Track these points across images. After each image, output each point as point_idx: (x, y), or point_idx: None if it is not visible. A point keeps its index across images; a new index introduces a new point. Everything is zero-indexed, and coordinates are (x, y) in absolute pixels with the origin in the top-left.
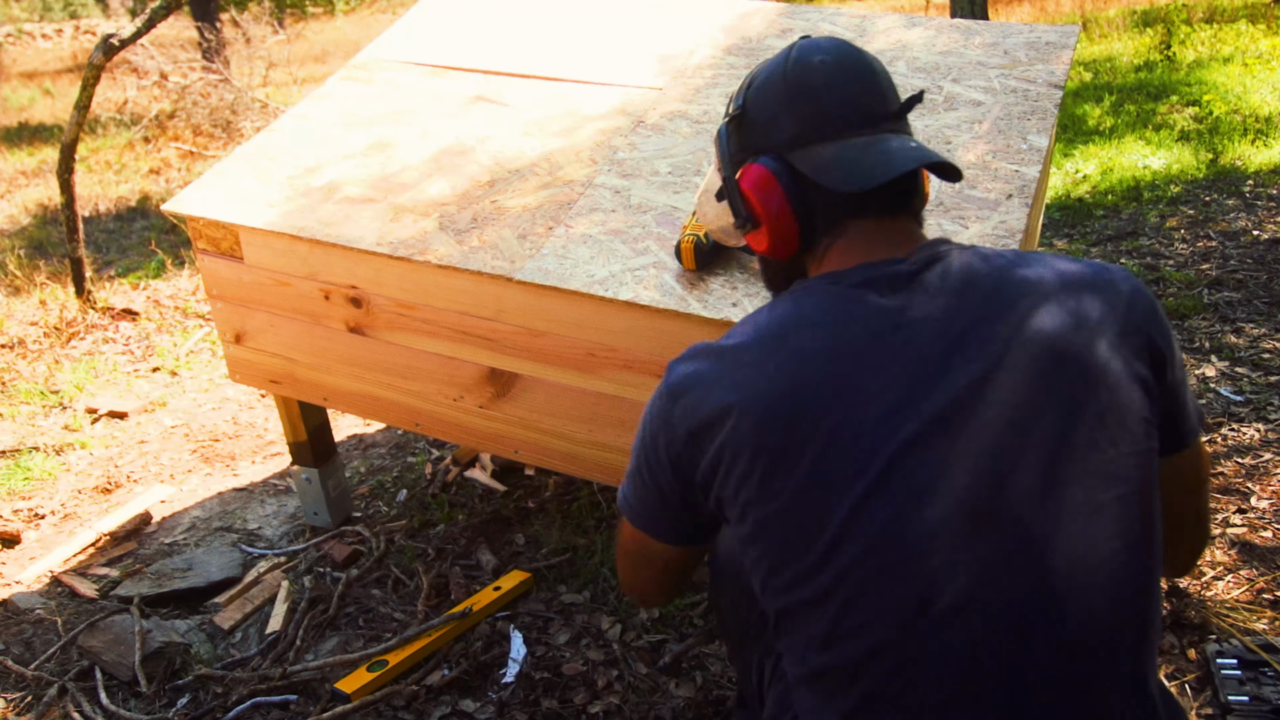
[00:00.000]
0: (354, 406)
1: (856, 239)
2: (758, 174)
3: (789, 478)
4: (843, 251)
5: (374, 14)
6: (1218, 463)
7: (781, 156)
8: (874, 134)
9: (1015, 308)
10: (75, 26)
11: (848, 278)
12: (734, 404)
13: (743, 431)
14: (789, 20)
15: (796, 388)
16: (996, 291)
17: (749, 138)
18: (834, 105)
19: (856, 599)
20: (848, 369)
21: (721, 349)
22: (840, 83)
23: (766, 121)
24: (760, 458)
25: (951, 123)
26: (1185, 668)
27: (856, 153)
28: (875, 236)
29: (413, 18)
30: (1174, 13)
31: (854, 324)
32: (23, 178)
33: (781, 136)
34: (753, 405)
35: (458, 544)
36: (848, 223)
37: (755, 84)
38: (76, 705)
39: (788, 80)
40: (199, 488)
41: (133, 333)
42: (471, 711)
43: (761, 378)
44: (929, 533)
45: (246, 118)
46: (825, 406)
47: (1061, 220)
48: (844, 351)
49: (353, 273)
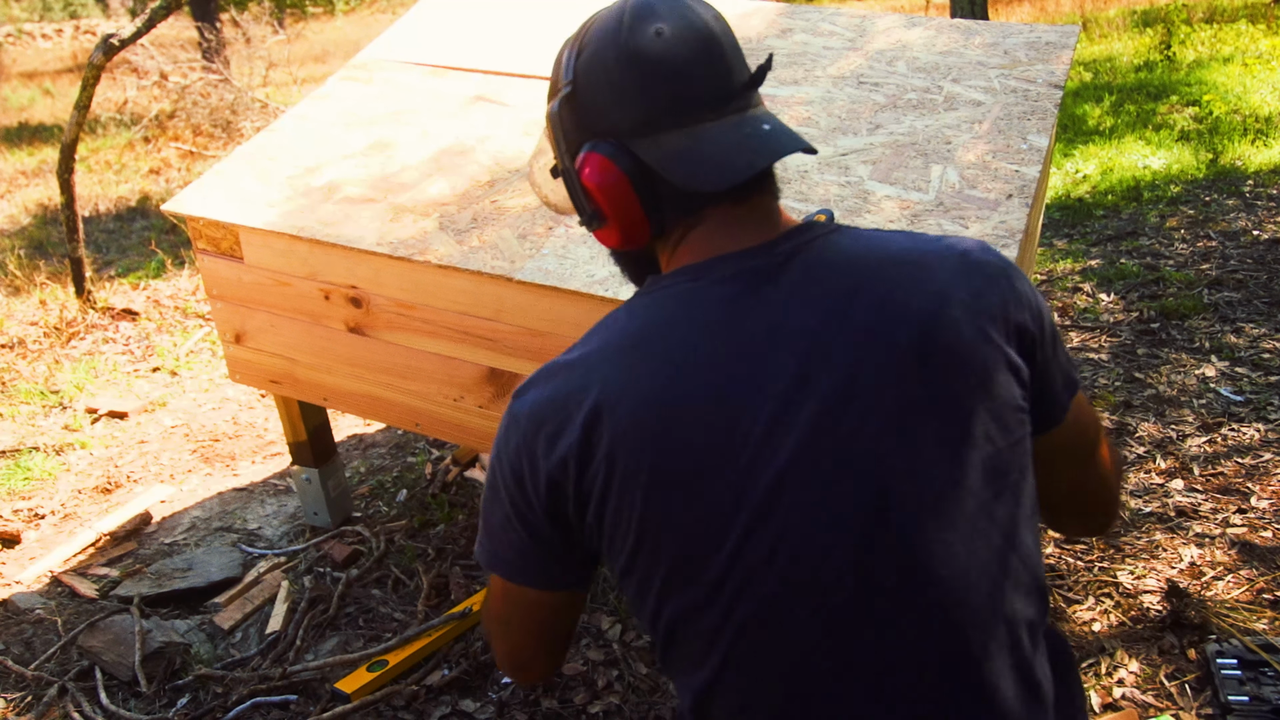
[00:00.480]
0: (354, 406)
1: (714, 227)
2: (600, 167)
3: (672, 492)
4: (700, 241)
5: (374, 14)
6: (1217, 462)
7: (623, 144)
8: (723, 115)
9: (887, 301)
10: (75, 26)
11: (709, 273)
12: (604, 418)
13: (617, 448)
14: (789, 20)
15: (668, 396)
16: (868, 283)
17: (584, 119)
18: (678, 85)
19: (748, 623)
20: (719, 376)
21: (574, 363)
22: (682, 57)
23: (604, 103)
24: (639, 475)
25: (951, 123)
26: (1185, 668)
27: (707, 144)
28: (733, 224)
29: (413, 18)
30: (1174, 13)
31: (720, 326)
32: (23, 178)
33: (621, 122)
34: (624, 418)
35: (458, 544)
36: (703, 211)
37: (585, 55)
38: (76, 705)
39: (622, 54)
40: (199, 488)
41: (133, 333)
42: (471, 711)
43: (630, 387)
44: (822, 550)
45: (246, 118)
46: (700, 416)
47: (1061, 220)
48: (714, 356)
49: (353, 273)
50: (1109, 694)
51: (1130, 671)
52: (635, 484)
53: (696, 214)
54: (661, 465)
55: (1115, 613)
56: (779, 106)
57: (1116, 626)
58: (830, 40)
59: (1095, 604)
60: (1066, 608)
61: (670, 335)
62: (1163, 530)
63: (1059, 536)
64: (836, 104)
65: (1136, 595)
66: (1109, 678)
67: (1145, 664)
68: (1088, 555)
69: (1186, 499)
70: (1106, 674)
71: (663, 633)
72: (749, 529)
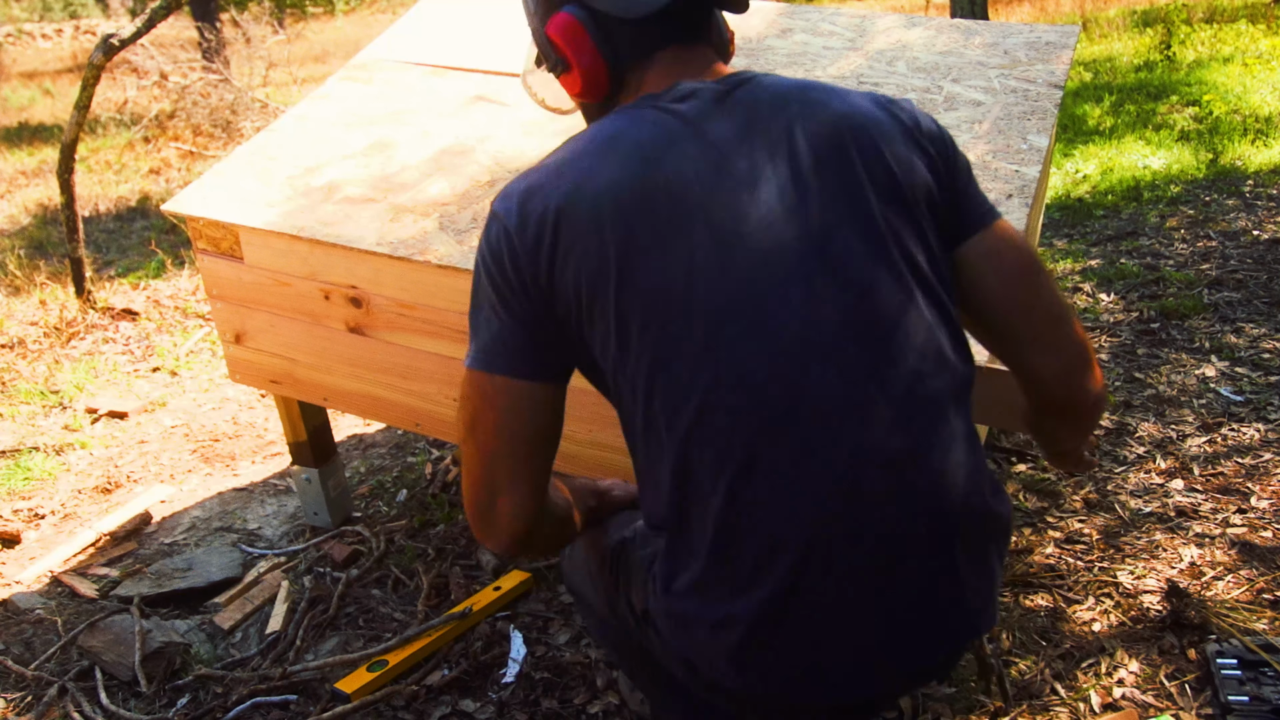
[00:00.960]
0: (354, 406)
1: (665, 66)
2: (563, 21)
3: (649, 258)
4: (655, 78)
5: (374, 14)
6: (1217, 462)
7: (583, 3)
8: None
9: (819, 108)
10: (75, 26)
11: (668, 95)
12: (580, 201)
13: (595, 220)
14: (788, 20)
15: (638, 181)
16: (803, 98)
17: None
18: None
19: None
20: (686, 165)
21: (549, 163)
22: None
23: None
24: (614, 246)
25: (951, 123)
26: (1185, 668)
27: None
28: (681, 65)
29: (413, 18)
30: (1174, 13)
31: (682, 130)
32: (23, 178)
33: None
34: (599, 198)
35: (458, 544)
36: (654, 54)
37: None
38: (76, 705)
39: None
40: (199, 488)
41: (133, 333)
42: (471, 711)
43: (603, 175)
44: (780, 293)
45: (246, 118)
46: (672, 194)
47: (1061, 220)
48: (681, 151)
49: (353, 273)
50: (1109, 694)
51: (1130, 671)
52: (610, 255)
53: (649, 57)
54: (634, 239)
55: (1115, 613)
56: None
57: (1116, 626)
58: (830, 40)
59: (1095, 604)
60: (1066, 608)
61: (639, 135)
62: (1163, 530)
63: (1058, 535)
64: None
65: (1136, 595)
66: (1109, 678)
67: (1145, 664)
68: (1088, 555)
69: (1186, 499)
70: (1106, 674)
71: (643, 395)
72: (715, 283)
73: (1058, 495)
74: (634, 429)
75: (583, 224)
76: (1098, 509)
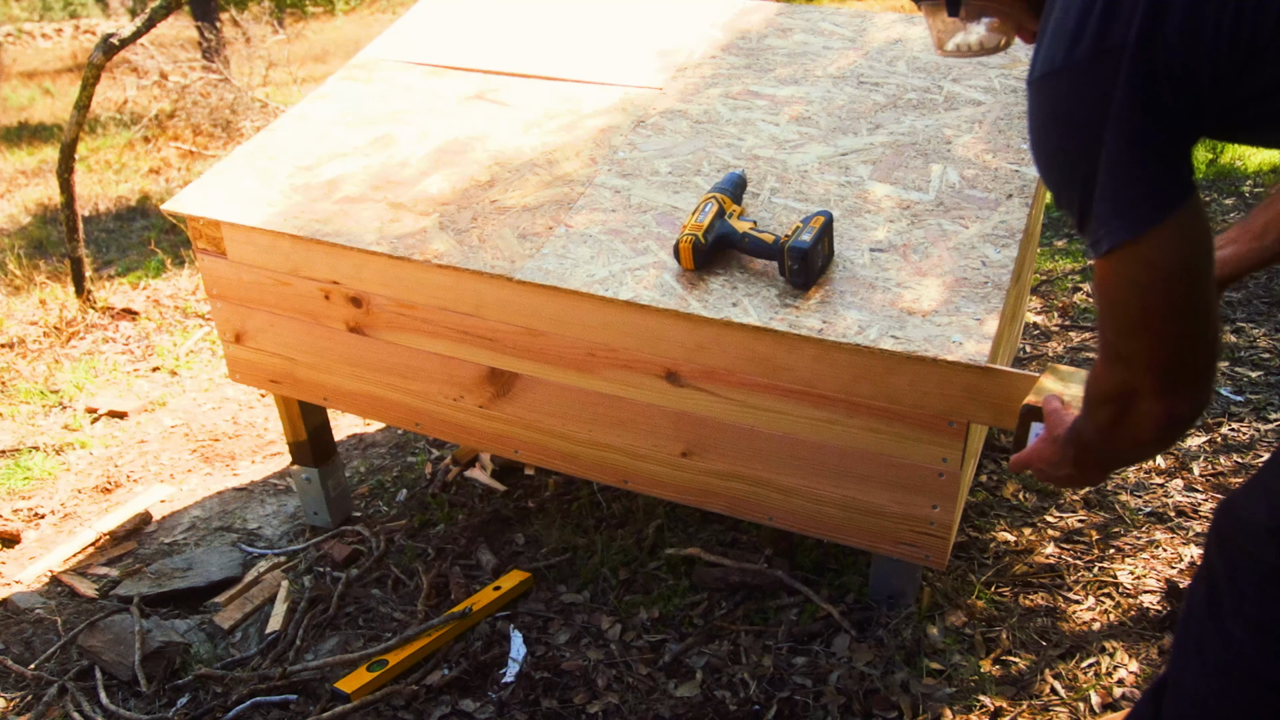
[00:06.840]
0: (354, 406)
1: None
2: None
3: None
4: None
5: (374, 14)
6: (1217, 462)
7: None
8: None
9: None
10: (75, 26)
11: None
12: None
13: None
14: (788, 19)
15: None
16: None
17: None
18: None
19: None
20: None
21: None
22: None
23: None
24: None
25: (951, 122)
26: None
27: None
28: None
29: (413, 18)
30: None
31: None
32: (23, 177)
33: None
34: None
35: (458, 544)
36: None
37: None
38: (76, 705)
39: None
40: (199, 487)
41: (133, 332)
42: (471, 711)
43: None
44: None
45: (246, 117)
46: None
47: (1061, 220)
48: None
49: (352, 272)
50: (1109, 694)
51: (1130, 671)
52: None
53: None
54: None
55: (1115, 612)
56: (779, 106)
57: (1116, 626)
58: (830, 39)
59: (1095, 604)
60: (1066, 607)
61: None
62: (1163, 530)
63: (1058, 535)
64: (836, 103)
65: (1136, 595)
66: (1109, 678)
67: (1145, 664)
68: (1088, 555)
69: (1186, 498)
70: (1106, 674)
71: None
72: None
73: (1057, 494)
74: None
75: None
76: (1097, 508)
